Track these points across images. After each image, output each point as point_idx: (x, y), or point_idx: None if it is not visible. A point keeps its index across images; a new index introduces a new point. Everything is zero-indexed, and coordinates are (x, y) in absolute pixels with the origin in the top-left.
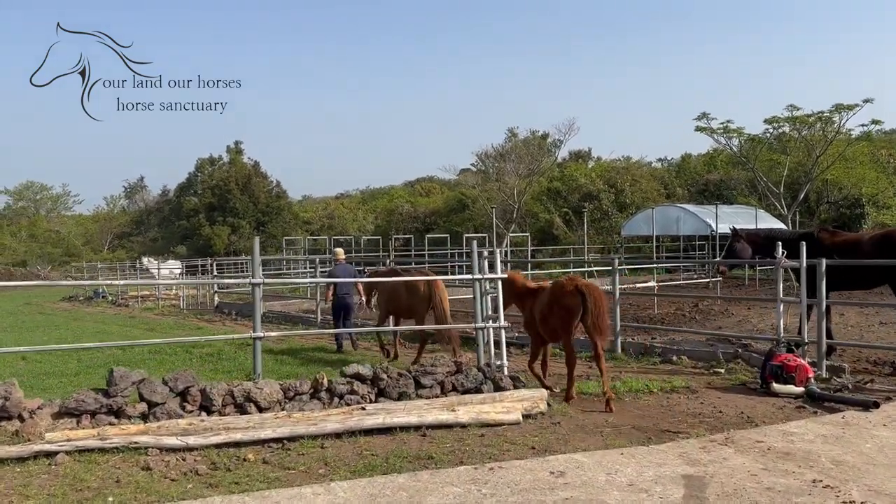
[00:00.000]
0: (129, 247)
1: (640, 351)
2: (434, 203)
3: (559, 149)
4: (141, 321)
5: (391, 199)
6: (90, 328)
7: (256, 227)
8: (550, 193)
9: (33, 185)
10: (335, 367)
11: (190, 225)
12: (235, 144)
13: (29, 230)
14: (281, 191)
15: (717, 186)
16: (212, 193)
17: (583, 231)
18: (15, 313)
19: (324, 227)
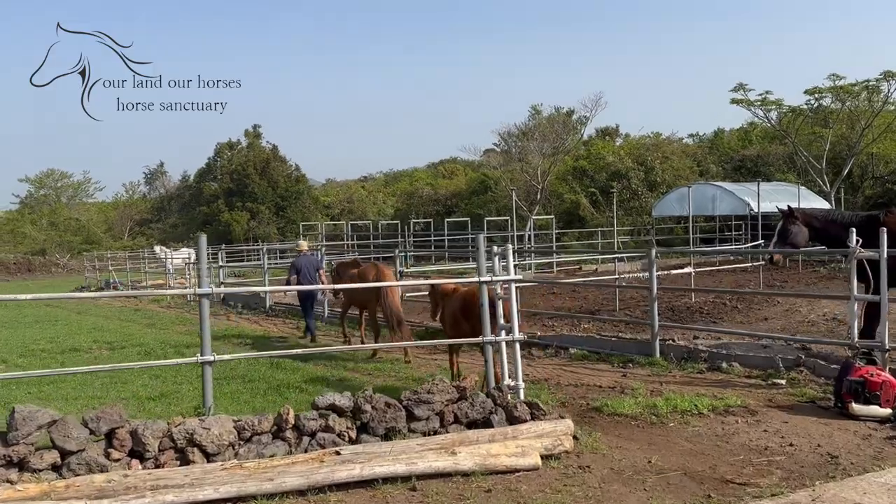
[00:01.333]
0: (148, 234)
1: (682, 356)
2: (455, 185)
3: (585, 126)
4: (144, 315)
5: (411, 182)
6: (88, 323)
7: (276, 211)
8: (576, 173)
9: (54, 172)
10: (314, 388)
11: (210, 211)
12: (254, 128)
13: (50, 218)
14: (300, 174)
15: (753, 163)
16: (230, 178)
17: (611, 212)
18: (22, 306)
19: (344, 212)
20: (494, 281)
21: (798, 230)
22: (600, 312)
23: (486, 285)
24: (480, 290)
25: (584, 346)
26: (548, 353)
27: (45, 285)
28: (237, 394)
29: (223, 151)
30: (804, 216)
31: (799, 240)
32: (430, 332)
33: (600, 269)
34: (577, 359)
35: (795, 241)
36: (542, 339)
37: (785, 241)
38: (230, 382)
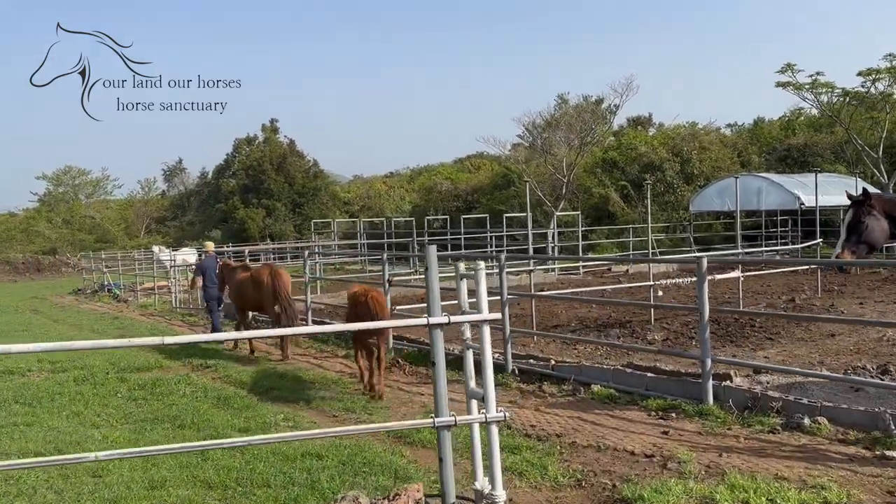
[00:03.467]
0: (164, 232)
1: (744, 403)
2: (477, 179)
3: (615, 114)
4: (121, 323)
5: (429, 177)
6: (53, 335)
7: (292, 208)
8: (606, 165)
9: (71, 169)
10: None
11: (227, 208)
12: (271, 123)
13: (66, 216)
14: (318, 170)
15: (800, 152)
16: (246, 174)
17: (644, 207)
18: (5, 311)
19: (363, 209)
20: (453, 322)
21: (875, 223)
22: (632, 324)
23: (438, 329)
24: (432, 336)
25: (610, 382)
26: (563, 391)
27: (45, 286)
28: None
29: (241, 147)
30: (883, 203)
31: (877, 236)
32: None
33: (632, 269)
34: (602, 400)
35: (872, 237)
36: (558, 369)
37: (859, 237)
38: (155, 428)
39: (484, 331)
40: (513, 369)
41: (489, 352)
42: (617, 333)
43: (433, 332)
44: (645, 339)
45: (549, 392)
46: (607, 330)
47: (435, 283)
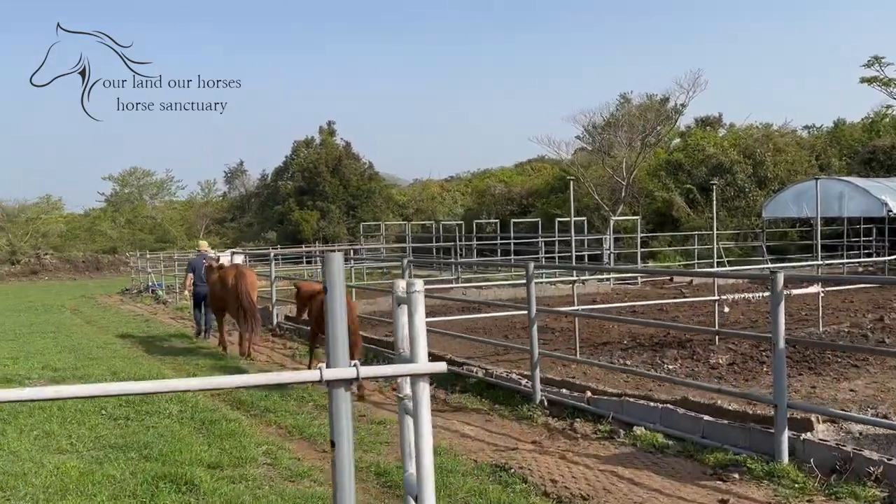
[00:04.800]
0: (223, 233)
1: (829, 464)
2: (532, 182)
3: (681, 114)
4: (148, 326)
5: (482, 179)
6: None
7: (346, 211)
8: (670, 167)
9: (136, 170)
10: None
11: (284, 210)
12: (328, 125)
13: (130, 216)
14: (373, 172)
15: (887, 155)
16: (302, 177)
17: (710, 212)
18: (49, 309)
19: (417, 212)
20: (367, 377)
21: None
22: (692, 344)
23: (342, 389)
24: (331, 398)
25: (658, 424)
26: (599, 433)
27: (99, 285)
28: None
29: (299, 149)
30: None
31: None
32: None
33: (696, 281)
34: (646, 448)
35: None
36: (595, 403)
37: None
38: (119, 458)
39: (419, 391)
40: (541, 399)
41: (427, 423)
42: (674, 354)
43: (333, 392)
44: (707, 363)
45: (581, 432)
46: (663, 350)
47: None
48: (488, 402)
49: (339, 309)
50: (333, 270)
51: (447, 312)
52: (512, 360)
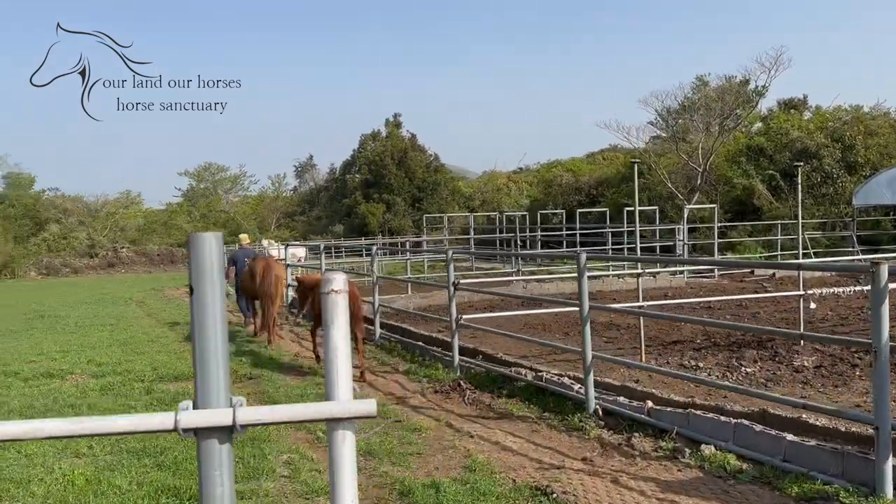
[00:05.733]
0: (293, 226)
1: None
2: (601, 171)
3: (763, 96)
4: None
5: (549, 170)
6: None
7: (412, 203)
8: (751, 152)
9: (211, 165)
10: None
11: (351, 203)
12: (394, 117)
13: (205, 210)
14: (439, 164)
15: None
16: (368, 170)
17: (795, 200)
18: (116, 301)
19: (483, 204)
20: (252, 424)
21: None
22: (774, 343)
23: (214, 440)
24: (202, 455)
25: (730, 442)
26: (660, 451)
27: (170, 277)
28: None
29: (366, 142)
30: None
31: None
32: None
33: (779, 274)
34: (714, 471)
35: None
36: (656, 415)
37: None
38: (133, 465)
39: (338, 442)
40: (595, 409)
41: (348, 484)
42: (753, 355)
43: (202, 447)
44: (790, 365)
45: (639, 449)
46: (741, 350)
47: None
48: (537, 409)
49: (214, 318)
50: (203, 259)
51: (506, 307)
52: (570, 360)
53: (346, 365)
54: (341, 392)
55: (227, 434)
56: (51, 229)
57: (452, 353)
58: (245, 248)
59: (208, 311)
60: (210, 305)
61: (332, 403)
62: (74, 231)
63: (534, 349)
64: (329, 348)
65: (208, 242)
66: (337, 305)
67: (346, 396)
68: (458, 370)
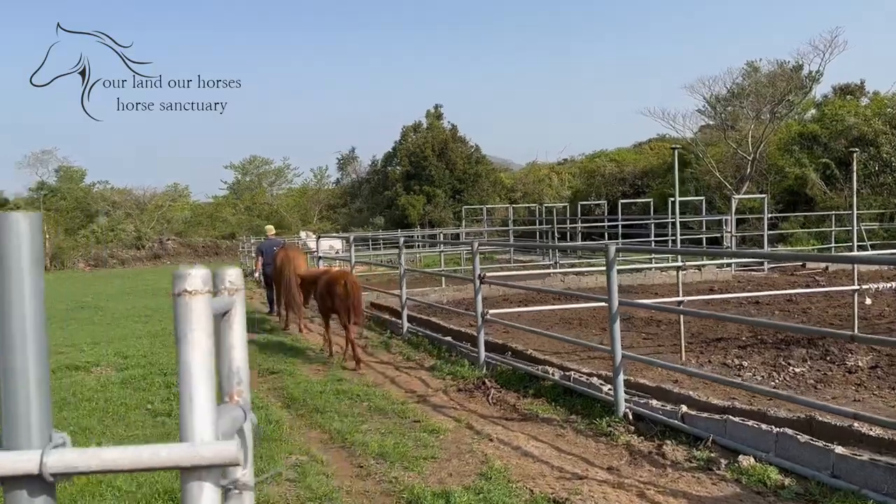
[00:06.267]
0: (334, 218)
1: None
2: (646, 161)
3: (817, 81)
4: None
5: (592, 160)
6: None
7: (452, 195)
8: (804, 140)
9: (256, 159)
10: None
11: (392, 195)
12: (435, 108)
13: (249, 203)
14: (480, 156)
15: None
16: (409, 161)
17: (850, 189)
18: (158, 293)
19: (524, 195)
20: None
21: None
22: (825, 342)
23: (22, 495)
24: None
25: (771, 453)
26: (694, 461)
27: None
28: None
29: (408, 134)
30: None
31: None
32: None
33: (833, 267)
34: (753, 485)
35: None
36: (691, 421)
37: None
38: None
39: (190, 497)
40: (625, 413)
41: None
42: (802, 354)
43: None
44: (843, 365)
45: (671, 458)
46: (789, 349)
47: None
48: (563, 411)
49: (23, 325)
50: (6, 247)
51: (543, 301)
52: (605, 358)
53: (204, 394)
54: (197, 430)
55: (42, 486)
56: (99, 221)
57: (478, 350)
58: (271, 238)
59: (14, 315)
60: (16, 306)
61: (179, 448)
62: (122, 223)
63: (568, 346)
64: (181, 371)
65: (14, 225)
66: (190, 312)
67: (204, 436)
68: (484, 367)
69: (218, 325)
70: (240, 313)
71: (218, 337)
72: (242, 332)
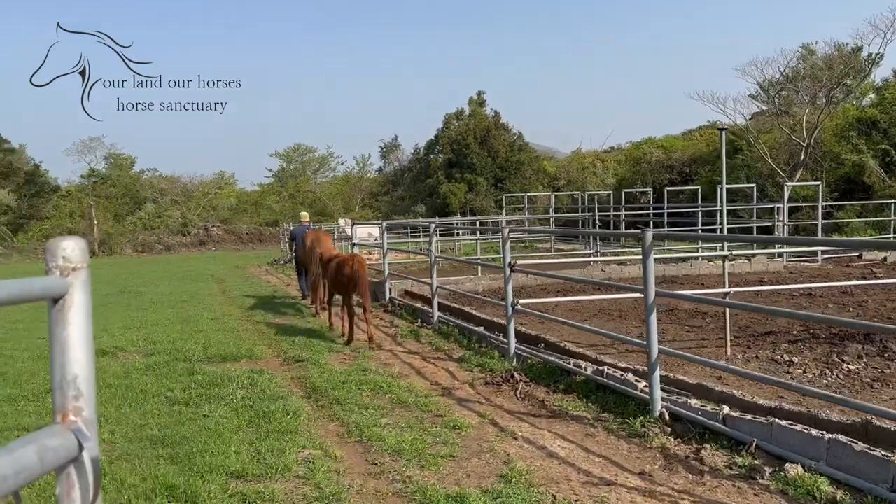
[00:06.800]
0: (376, 206)
1: None
2: (695, 148)
3: (877, 64)
4: (274, 296)
5: (638, 147)
6: (200, 304)
7: (494, 183)
8: (862, 126)
9: (300, 147)
10: None
11: (433, 182)
12: (478, 95)
13: (293, 191)
14: (523, 143)
15: None
16: (451, 149)
17: None
18: (199, 278)
19: (568, 183)
20: None
21: None
22: (883, 337)
23: None
24: None
25: (822, 463)
26: (735, 468)
27: (255, 255)
28: None
29: (450, 122)
30: None
31: None
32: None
33: (892, 258)
34: (801, 498)
35: None
36: (733, 423)
37: None
38: (142, 458)
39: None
40: (661, 412)
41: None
42: (857, 351)
43: None
44: None
45: (709, 464)
46: (843, 344)
47: None
48: (595, 409)
49: None
50: None
51: (582, 291)
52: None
53: None
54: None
55: None
56: (146, 208)
57: (508, 341)
58: (303, 224)
59: None
60: None
61: None
62: (168, 210)
63: (606, 338)
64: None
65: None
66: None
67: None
68: (514, 359)
69: (53, 318)
70: (80, 301)
71: (51, 332)
72: (84, 326)
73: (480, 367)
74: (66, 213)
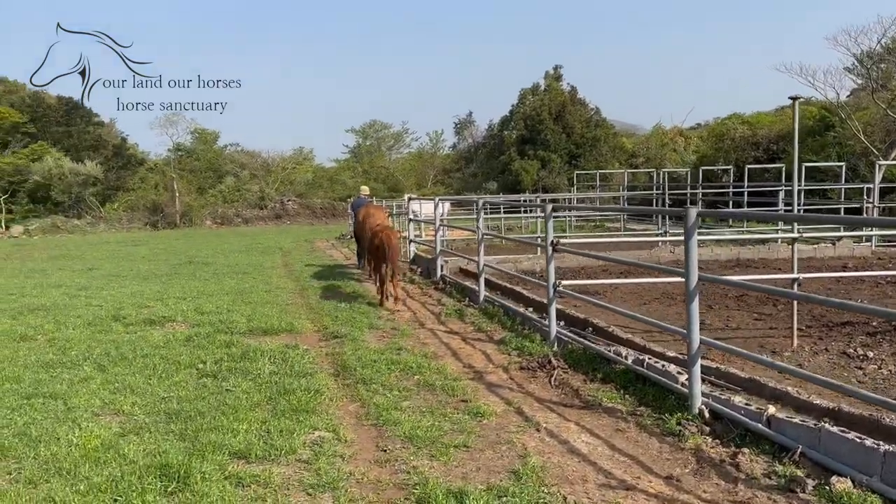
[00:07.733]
0: (448, 183)
1: None
2: (783, 125)
3: None
4: (333, 270)
5: (722, 123)
6: (257, 276)
7: (568, 160)
8: None
9: (375, 123)
10: None
11: (506, 159)
12: (554, 69)
13: (368, 167)
14: (601, 119)
15: None
16: (525, 125)
17: None
18: (266, 251)
19: (646, 161)
20: None
21: None
22: None
23: None
24: None
25: (876, 477)
26: (774, 478)
27: (326, 230)
28: None
29: (526, 97)
30: None
31: None
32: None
33: None
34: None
35: None
36: (778, 427)
37: None
38: (154, 432)
39: None
40: (700, 409)
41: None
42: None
43: None
44: None
45: (746, 471)
46: None
47: None
48: (631, 402)
49: None
50: None
51: (645, 274)
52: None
53: None
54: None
55: None
56: (227, 181)
57: (549, 324)
58: (360, 198)
59: None
60: None
61: None
62: (248, 184)
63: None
64: None
65: None
66: None
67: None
68: (555, 344)
69: None
70: None
71: None
72: None
73: (519, 351)
74: (151, 185)
